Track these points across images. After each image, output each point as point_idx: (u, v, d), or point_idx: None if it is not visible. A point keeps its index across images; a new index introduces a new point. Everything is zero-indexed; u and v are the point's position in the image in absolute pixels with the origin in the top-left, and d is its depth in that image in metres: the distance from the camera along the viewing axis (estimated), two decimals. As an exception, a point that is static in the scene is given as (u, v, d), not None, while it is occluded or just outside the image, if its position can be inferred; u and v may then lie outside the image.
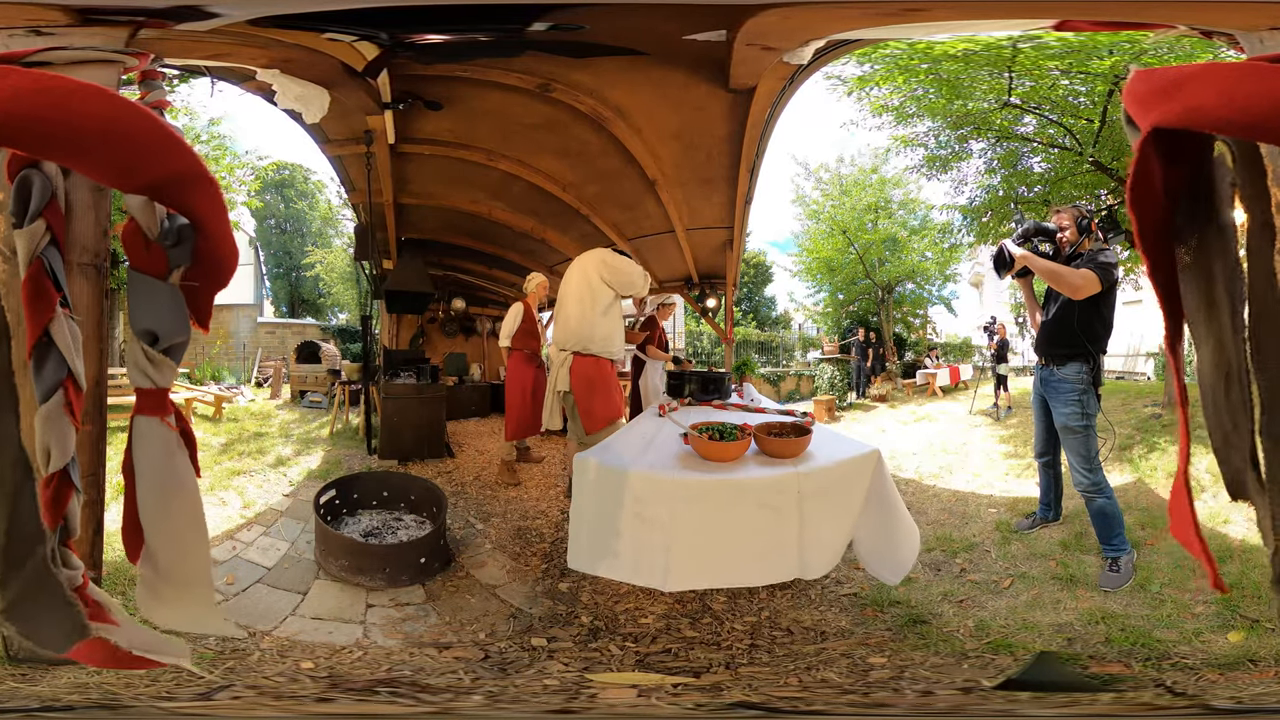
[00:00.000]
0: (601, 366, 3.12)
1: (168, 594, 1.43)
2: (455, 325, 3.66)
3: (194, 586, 1.45)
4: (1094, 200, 2.98)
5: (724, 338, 3.78)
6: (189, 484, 1.41)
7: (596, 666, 2.27)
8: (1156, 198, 1.07)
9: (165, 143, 1.14)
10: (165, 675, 2.08)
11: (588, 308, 3.07)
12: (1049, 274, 2.75)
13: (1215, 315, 1.09)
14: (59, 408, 1.27)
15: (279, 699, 2.09)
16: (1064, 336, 2.77)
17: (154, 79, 1.94)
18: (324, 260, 3.75)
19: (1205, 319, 1.10)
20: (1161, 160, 1.05)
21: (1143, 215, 1.07)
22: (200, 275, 1.33)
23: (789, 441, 2.52)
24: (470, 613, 2.53)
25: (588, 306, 3.07)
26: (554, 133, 2.96)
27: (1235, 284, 1.08)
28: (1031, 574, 2.62)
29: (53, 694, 1.99)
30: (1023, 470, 3.06)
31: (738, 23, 2.28)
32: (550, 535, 2.89)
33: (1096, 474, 2.67)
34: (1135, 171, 1.05)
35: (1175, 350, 1.16)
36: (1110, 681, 2.15)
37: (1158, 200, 1.08)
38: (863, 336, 3.93)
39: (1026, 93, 2.87)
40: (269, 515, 2.84)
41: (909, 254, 3.77)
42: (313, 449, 3.18)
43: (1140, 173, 1.04)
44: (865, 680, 2.21)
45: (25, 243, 1.26)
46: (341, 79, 2.55)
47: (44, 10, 1.83)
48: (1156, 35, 2.34)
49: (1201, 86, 0.92)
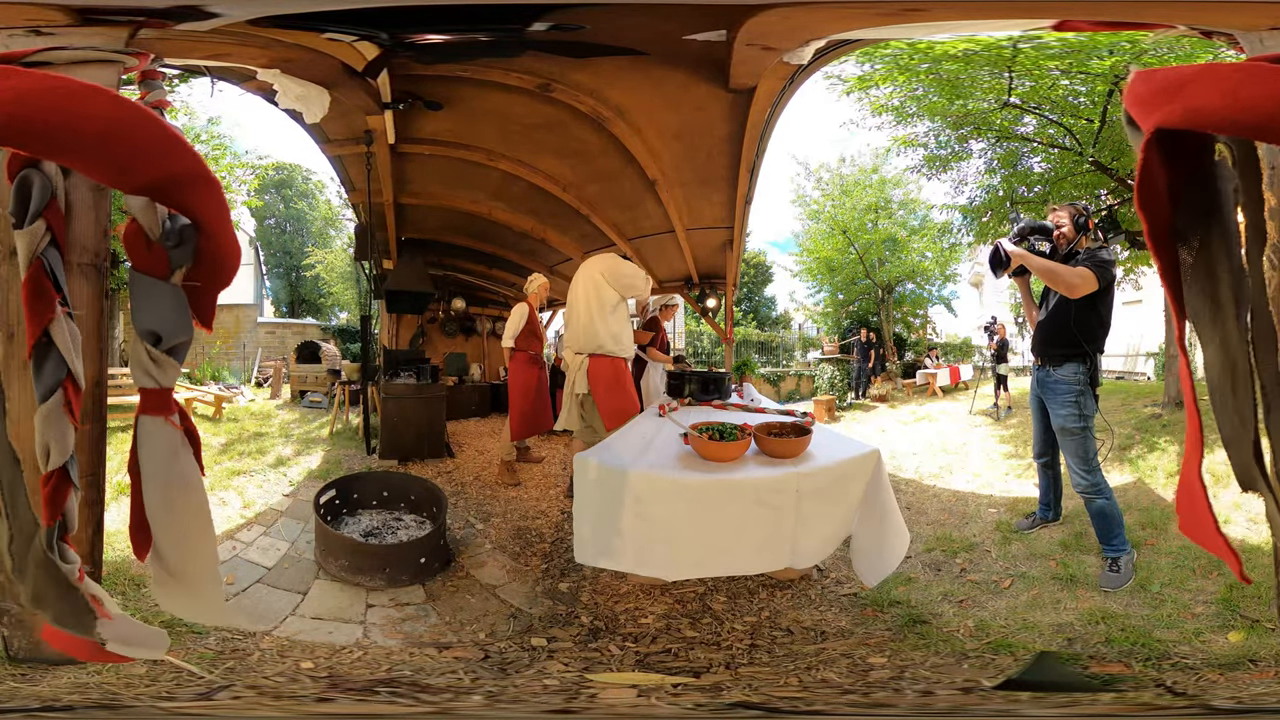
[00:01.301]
0: (616, 365, 3.17)
1: (177, 591, 1.45)
2: (455, 325, 3.66)
3: (202, 583, 1.48)
4: (1094, 200, 2.98)
5: (724, 338, 3.79)
6: (194, 482, 1.44)
7: (596, 666, 2.27)
8: (1162, 198, 1.07)
9: (166, 143, 1.15)
10: (165, 675, 2.08)
11: (595, 310, 3.12)
12: (1045, 272, 2.75)
13: (1220, 315, 1.09)
14: (58, 407, 1.28)
15: (279, 699, 2.09)
16: (1060, 336, 2.77)
17: (154, 79, 1.94)
18: (324, 260, 3.75)
19: (1210, 319, 1.10)
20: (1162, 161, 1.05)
21: (1152, 217, 1.07)
22: (202, 275, 1.34)
23: (789, 441, 2.52)
24: (470, 613, 2.53)
25: (595, 309, 3.12)
26: (554, 133, 2.96)
27: (1240, 285, 1.08)
28: (1031, 574, 2.62)
29: (53, 694, 1.99)
30: (1023, 470, 3.06)
31: (738, 23, 2.28)
32: (550, 535, 2.89)
33: (1095, 475, 2.67)
34: (1141, 173, 1.05)
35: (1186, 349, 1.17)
36: (1110, 681, 2.15)
37: (1163, 201, 1.08)
38: (864, 337, 3.93)
39: (1026, 93, 2.87)
40: (269, 515, 2.84)
41: (909, 254, 3.77)
42: (313, 449, 3.18)
43: (1146, 174, 1.04)
44: (865, 680, 2.21)
45: (25, 243, 1.26)
46: (341, 79, 2.55)
47: (44, 10, 1.83)
48: (1156, 35, 2.34)
49: (1203, 87, 0.92)
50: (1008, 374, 3.61)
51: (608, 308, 3.13)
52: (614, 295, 3.15)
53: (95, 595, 1.36)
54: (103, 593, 1.39)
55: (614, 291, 3.14)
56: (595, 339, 3.14)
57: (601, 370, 3.15)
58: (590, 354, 3.15)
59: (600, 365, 3.15)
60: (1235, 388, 1.10)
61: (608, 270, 3.14)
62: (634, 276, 3.18)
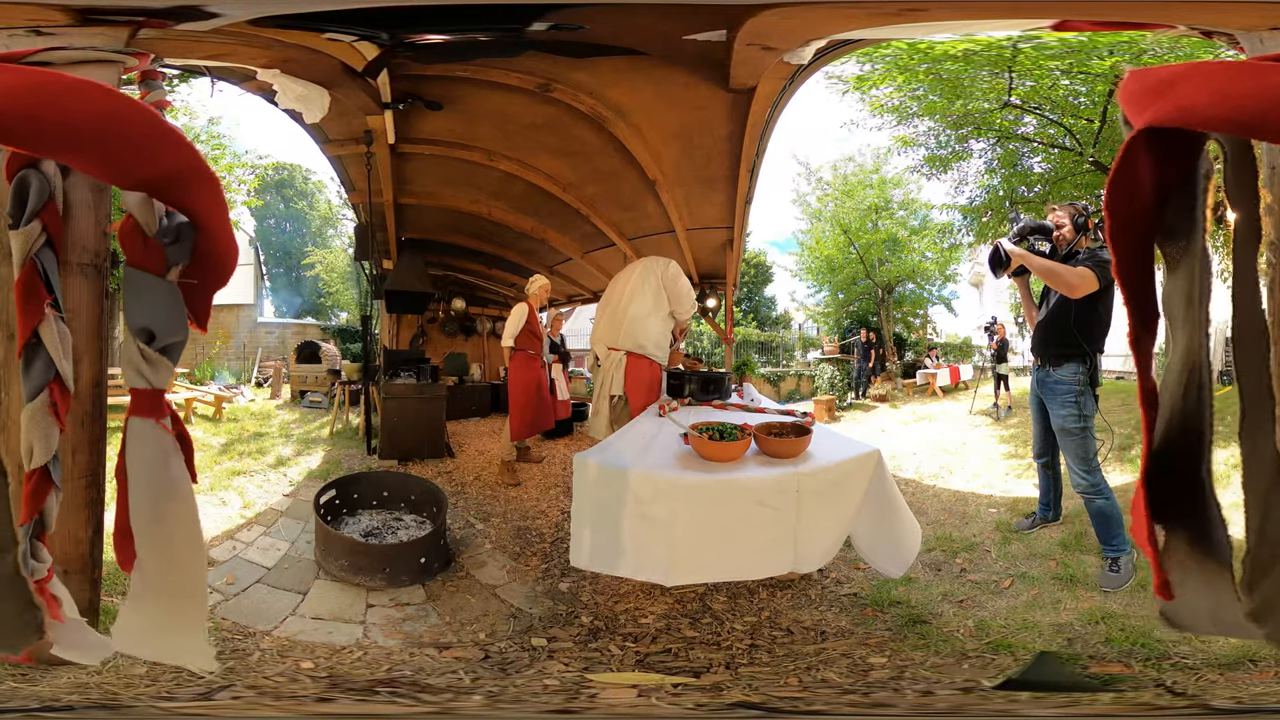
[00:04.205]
0: (655, 371, 3.13)
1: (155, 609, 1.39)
2: (455, 325, 3.66)
3: (184, 602, 1.41)
4: (1094, 200, 2.97)
5: (724, 338, 3.78)
6: (184, 490, 1.39)
7: (596, 666, 2.27)
8: (1141, 196, 1.07)
9: (164, 139, 1.14)
10: (165, 675, 2.08)
11: (650, 310, 3.06)
12: (1045, 272, 2.74)
13: (1191, 313, 1.09)
14: (44, 407, 1.28)
15: (279, 699, 2.09)
16: (1060, 336, 2.76)
17: (154, 79, 1.94)
18: (324, 260, 3.75)
19: (1183, 316, 1.10)
20: (1154, 159, 1.05)
21: (1116, 213, 1.07)
22: (199, 273, 1.33)
23: (789, 441, 2.52)
24: (470, 613, 2.53)
25: (650, 309, 3.06)
26: (554, 133, 2.97)
27: (1206, 280, 1.08)
28: (1031, 574, 2.61)
29: (53, 694, 1.99)
30: (1023, 470, 3.05)
31: (738, 23, 2.28)
32: (550, 535, 2.89)
33: (1095, 475, 2.67)
34: (1117, 170, 1.05)
35: (1140, 348, 1.16)
36: (1110, 681, 2.14)
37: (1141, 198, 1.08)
38: (864, 337, 3.92)
39: (1026, 93, 2.86)
40: (269, 515, 2.84)
41: (909, 254, 3.77)
42: (313, 449, 3.18)
43: (1122, 171, 1.04)
44: (865, 680, 2.20)
45: (19, 244, 1.26)
46: (341, 79, 2.55)
47: (44, 10, 1.83)
48: (1156, 35, 2.34)
49: (1194, 85, 0.92)
50: (1008, 374, 3.60)
51: (661, 312, 3.07)
52: (666, 303, 3.09)
53: (56, 596, 1.35)
54: (65, 594, 1.37)
55: (666, 300, 3.09)
56: (638, 338, 3.06)
57: (640, 372, 3.08)
58: (629, 351, 3.09)
59: (639, 366, 3.08)
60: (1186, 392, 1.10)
61: (670, 279, 3.07)
62: (690, 296, 3.15)
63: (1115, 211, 1.08)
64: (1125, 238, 1.09)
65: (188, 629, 1.44)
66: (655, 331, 3.10)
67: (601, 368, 3.15)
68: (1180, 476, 1.14)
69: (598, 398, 3.16)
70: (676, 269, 3.14)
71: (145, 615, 1.40)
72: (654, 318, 3.09)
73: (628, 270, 3.16)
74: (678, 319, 3.30)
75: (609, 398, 3.13)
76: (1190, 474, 1.13)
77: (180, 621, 1.42)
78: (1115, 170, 1.05)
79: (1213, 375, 1.10)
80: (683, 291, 3.14)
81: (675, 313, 3.18)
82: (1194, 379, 1.09)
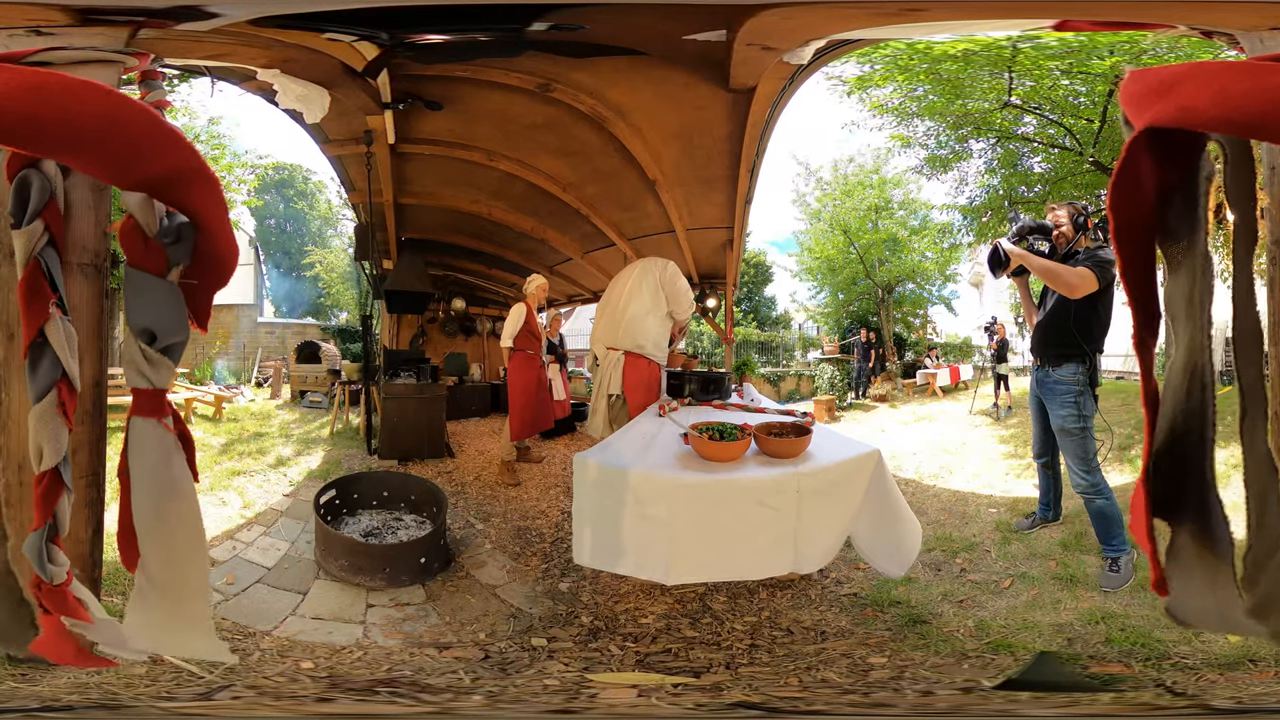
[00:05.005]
0: (653, 371, 3.15)
1: (160, 606, 1.39)
2: (455, 325, 3.66)
3: (188, 599, 1.42)
4: (1094, 201, 2.97)
5: (724, 338, 3.78)
6: (186, 489, 1.39)
7: (596, 666, 2.27)
8: (1144, 196, 1.07)
9: (164, 138, 1.14)
10: (165, 675, 2.08)
11: (648, 310, 3.09)
12: (1045, 272, 2.74)
13: (1193, 314, 1.09)
14: (52, 408, 1.27)
15: (279, 699, 2.09)
16: (1059, 336, 2.76)
17: (154, 79, 1.94)
18: (324, 260, 3.74)
19: (1185, 317, 1.10)
20: (1155, 159, 1.05)
21: (1120, 214, 1.07)
22: (200, 273, 1.33)
23: (789, 441, 2.52)
24: (470, 613, 2.53)
25: (648, 309, 3.09)
26: (554, 133, 2.96)
27: (1207, 281, 1.09)
28: (1031, 574, 2.61)
29: (53, 694, 1.99)
30: (1023, 470, 3.05)
31: (738, 23, 2.28)
32: (550, 535, 2.89)
33: (1095, 475, 2.67)
34: (1120, 170, 1.05)
35: (1143, 349, 1.17)
36: (1110, 681, 2.14)
37: (1144, 199, 1.08)
38: (864, 337, 3.92)
39: (1026, 93, 2.86)
40: (269, 515, 2.84)
41: (909, 254, 3.77)
42: (313, 449, 3.18)
43: (1125, 172, 1.05)
44: (865, 680, 2.20)
45: (22, 243, 1.26)
46: (341, 79, 2.55)
47: (44, 10, 1.83)
48: (1156, 35, 2.34)
49: (1194, 86, 0.92)
50: (1008, 374, 3.60)
51: (659, 313, 3.09)
52: (664, 304, 3.11)
53: (81, 600, 1.34)
54: (89, 596, 1.36)
55: (664, 300, 3.10)
56: (636, 338, 3.08)
57: (638, 371, 3.10)
58: (628, 351, 3.10)
59: (638, 365, 3.10)
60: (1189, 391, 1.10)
61: (669, 280, 3.09)
62: (689, 296, 3.17)
63: (1119, 212, 1.08)
64: (1129, 239, 1.09)
65: (194, 625, 1.45)
66: (653, 331, 3.11)
67: (600, 367, 3.16)
68: (1183, 475, 1.14)
69: (596, 397, 3.17)
70: (675, 269, 3.15)
71: (150, 613, 1.40)
72: (652, 317, 3.10)
73: (627, 270, 3.17)
74: (676, 319, 3.31)
75: (607, 396, 3.13)
76: (1193, 472, 1.13)
77: (186, 618, 1.43)
78: (1118, 171, 1.05)
79: (1215, 375, 1.10)
80: (681, 292, 3.15)
81: (674, 313, 3.19)
82: (1197, 379, 1.09)
